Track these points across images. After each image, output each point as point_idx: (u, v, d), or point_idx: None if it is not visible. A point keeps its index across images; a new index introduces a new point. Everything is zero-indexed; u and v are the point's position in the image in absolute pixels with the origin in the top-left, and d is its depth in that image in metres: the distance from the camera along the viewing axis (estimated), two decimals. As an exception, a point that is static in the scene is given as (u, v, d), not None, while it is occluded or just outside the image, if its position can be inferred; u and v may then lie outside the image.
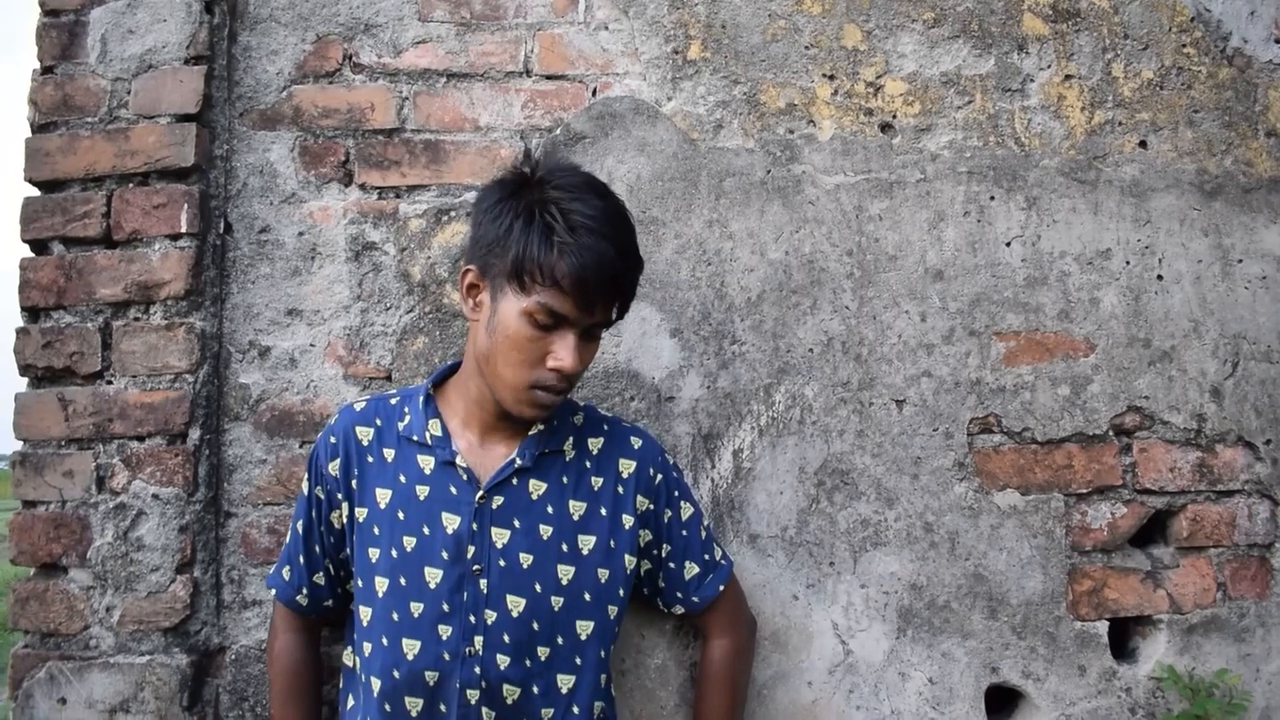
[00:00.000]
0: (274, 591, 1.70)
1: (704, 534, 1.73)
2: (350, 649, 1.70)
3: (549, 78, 1.96)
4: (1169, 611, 1.92)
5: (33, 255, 1.87)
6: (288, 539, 1.70)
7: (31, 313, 1.87)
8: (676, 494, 1.69)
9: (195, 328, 1.83)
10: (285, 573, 1.69)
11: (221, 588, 1.87)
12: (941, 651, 1.89)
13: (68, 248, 1.87)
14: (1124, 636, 1.96)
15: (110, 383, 1.84)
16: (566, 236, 1.42)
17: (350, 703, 1.67)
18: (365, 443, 1.63)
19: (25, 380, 1.87)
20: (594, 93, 1.96)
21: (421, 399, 1.64)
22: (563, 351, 1.46)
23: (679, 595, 1.72)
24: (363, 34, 1.96)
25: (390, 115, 1.94)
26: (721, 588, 1.73)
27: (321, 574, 1.67)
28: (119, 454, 1.82)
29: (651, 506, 1.66)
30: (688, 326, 1.92)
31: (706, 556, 1.72)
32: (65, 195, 1.87)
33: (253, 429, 1.89)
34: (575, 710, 1.58)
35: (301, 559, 1.67)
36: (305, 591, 1.68)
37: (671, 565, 1.70)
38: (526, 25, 1.97)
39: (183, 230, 1.84)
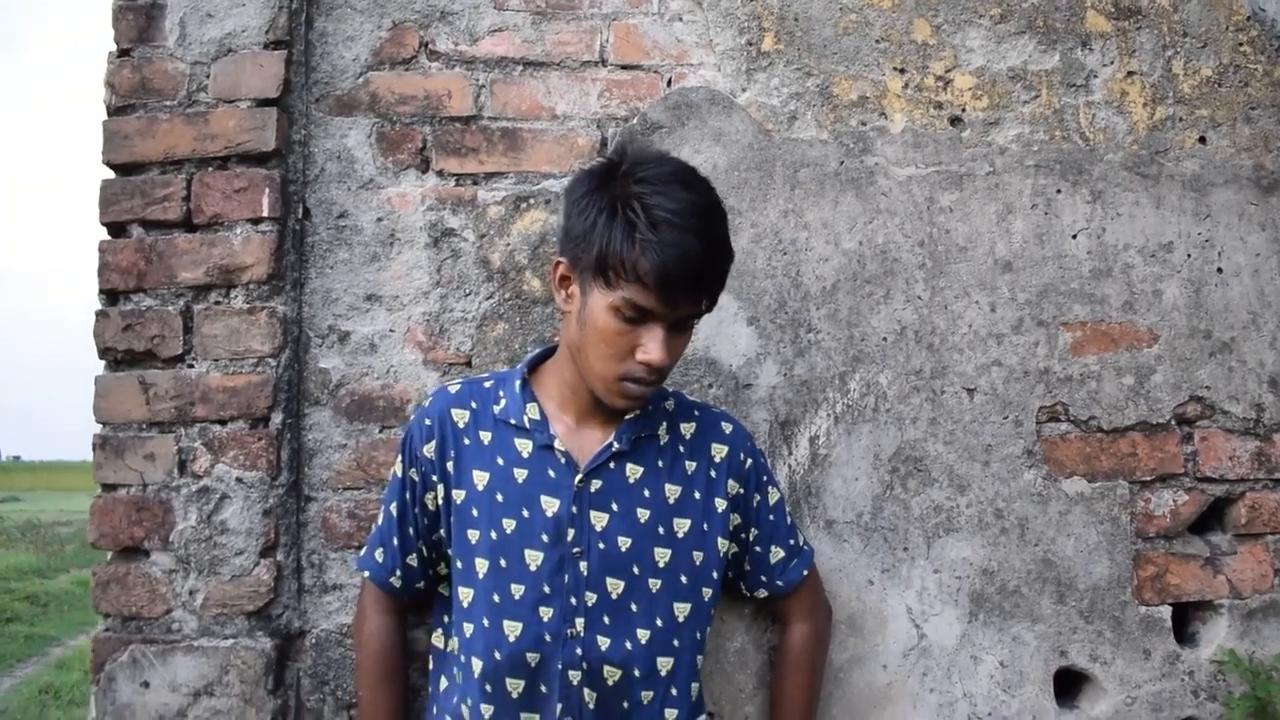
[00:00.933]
0: (366, 573, 1.69)
1: (788, 519, 1.74)
2: (441, 631, 1.70)
3: (624, 67, 1.97)
4: (1229, 597, 1.97)
5: (111, 238, 1.86)
6: (380, 521, 1.69)
7: (110, 295, 1.85)
8: (764, 479, 1.71)
9: (277, 312, 1.83)
10: (378, 554, 1.68)
11: (302, 572, 1.86)
12: (1012, 635, 1.92)
13: (147, 230, 1.85)
14: (1185, 621, 2.00)
15: (191, 366, 1.83)
16: (649, 233, 1.41)
17: (444, 684, 1.67)
18: (461, 425, 1.62)
19: (103, 363, 1.86)
20: (669, 83, 1.97)
21: (518, 383, 1.63)
22: (651, 345, 1.46)
23: (763, 579, 1.73)
24: (439, 21, 1.96)
25: (468, 103, 1.95)
26: (805, 572, 1.75)
27: (414, 556, 1.66)
28: (201, 437, 1.81)
29: (742, 491, 1.67)
30: (764, 315, 1.94)
31: (791, 541, 1.74)
32: (144, 178, 1.85)
33: (332, 414, 1.89)
34: (674, 692, 1.59)
35: (395, 540, 1.66)
36: (399, 573, 1.67)
37: (758, 549, 1.71)
38: (601, 15, 1.98)
39: (264, 214, 1.83)
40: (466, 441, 1.62)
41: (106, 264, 1.84)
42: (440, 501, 1.63)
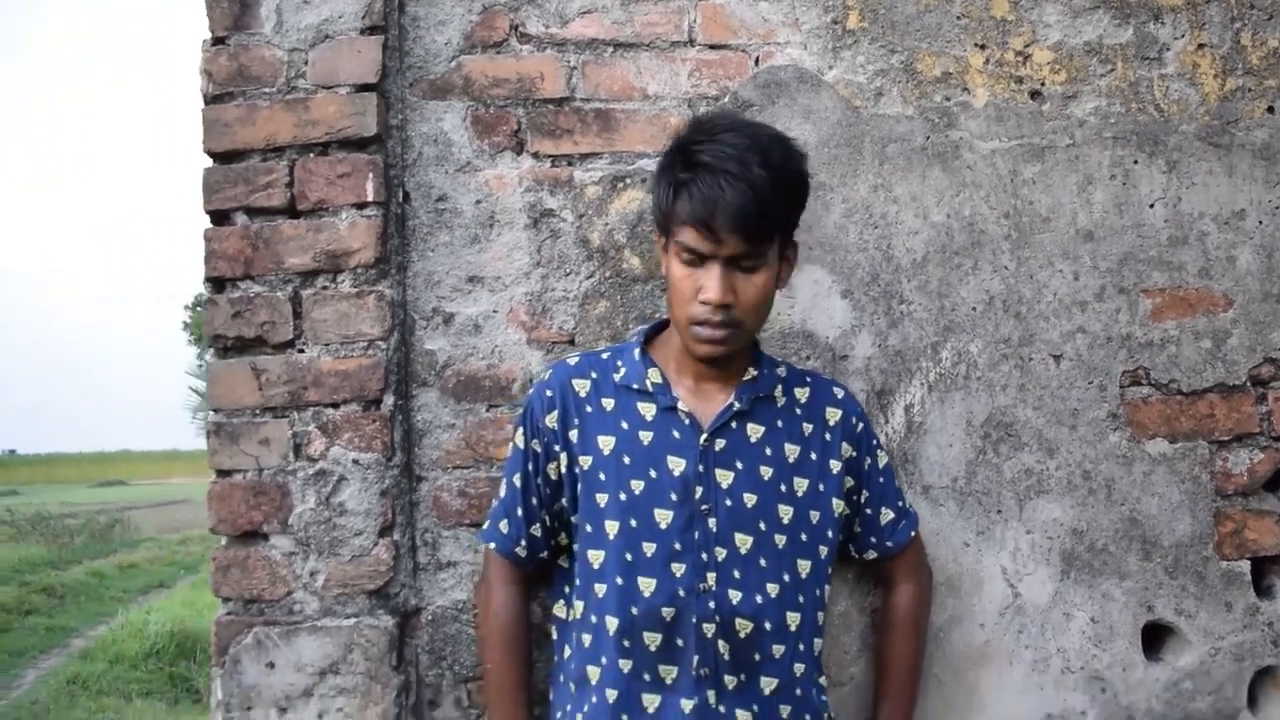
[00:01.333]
0: (491, 545, 1.69)
1: (895, 483, 1.77)
2: (562, 601, 1.71)
3: (712, 47, 1.95)
4: (1304, 550, 1.99)
5: (215, 226, 1.82)
6: (502, 494, 1.69)
7: (216, 283, 1.82)
8: (874, 443, 1.74)
9: (385, 295, 1.80)
10: (502, 526, 1.68)
11: (416, 550, 1.84)
12: (1101, 592, 1.93)
13: (251, 218, 1.82)
14: (1262, 575, 2.02)
15: (302, 351, 1.80)
16: (686, 176, 1.48)
17: (567, 652, 1.67)
18: (583, 394, 1.64)
19: (212, 350, 1.83)
20: (756, 62, 1.95)
21: (636, 351, 1.65)
22: (707, 284, 1.49)
23: (873, 540, 1.75)
24: (528, 4, 1.93)
25: (560, 84, 1.92)
26: (913, 534, 1.77)
27: (538, 525, 1.67)
28: (314, 421, 1.79)
29: (854, 454, 1.69)
30: (858, 287, 1.93)
31: (899, 504, 1.76)
32: (247, 166, 1.82)
33: (439, 394, 1.87)
34: (801, 648, 1.62)
35: (519, 511, 1.66)
36: (524, 543, 1.67)
37: (868, 511, 1.73)
38: (689, -5, 1.96)
39: (369, 199, 1.80)
40: (589, 409, 1.63)
41: (213, 251, 1.81)
42: (563, 470, 1.64)
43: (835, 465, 1.66)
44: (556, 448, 1.64)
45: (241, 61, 1.83)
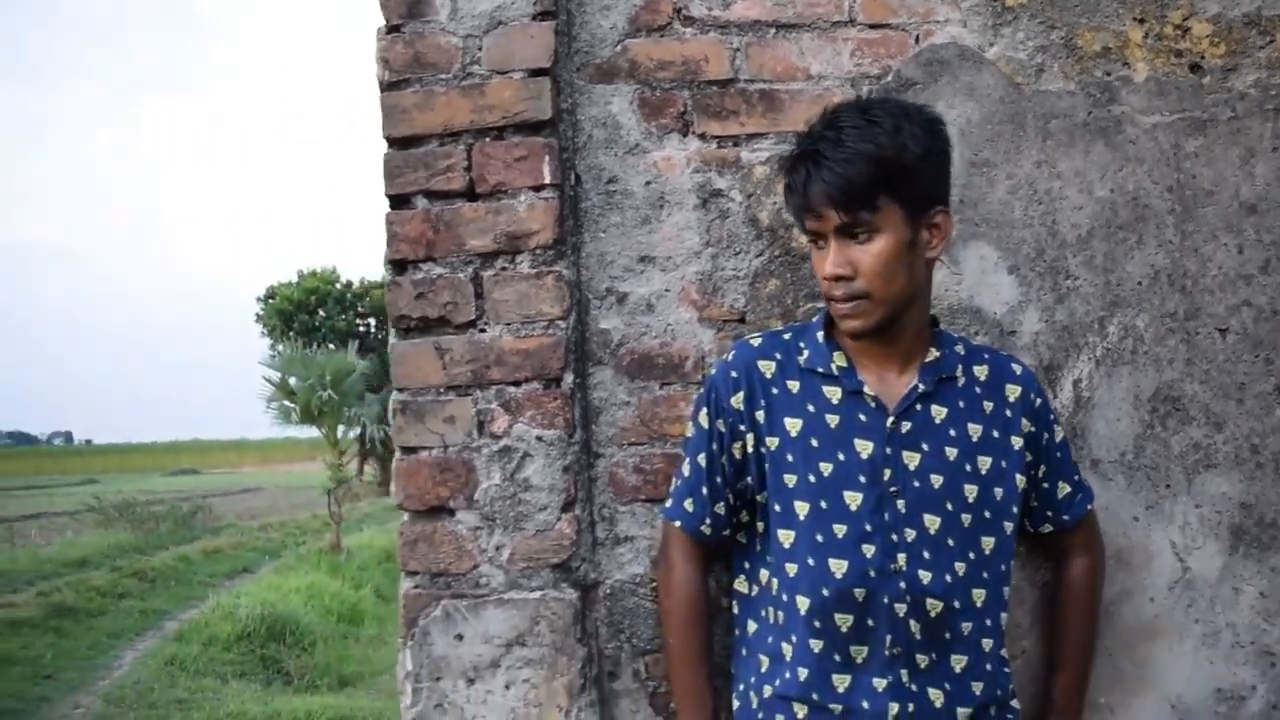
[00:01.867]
0: (677, 523, 1.66)
1: (1071, 457, 1.72)
2: (743, 576, 1.68)
3: (873, 26, 1.90)
4: None
5: (396, 210, 1.81)
6: (685, 472, 1.66)
7: (398, 265, 1.80)
8: (1051, 418, 1.69)
9: (563, 275, 1.77)
10: (687, 504, 1.65)
11: (595, 525, 1.82)
12: (1270, 566, 1.86)
13: (431, 201, 1.80)
14: None
15: (484, 330, 1.78)
16: (790, 162, 1.52)
17: (753, 627, 1.65)
18: (769, 376, 1.61)
19: (394, 330, 1.81)
20: (917, 40, 1.90)
21: (820, 334, 1.61)
22: (821, 260, 1.52)
23: (1049, 514, 1.70)
24: (692, -13, 1.90)
25: (724, 66, 1.88)
26: (1090, 507, 1.73)
27: (722, 504, 1.64)
28: (497, 399, 1.77)
29: (1033, 429, 1.64)
30: (1024, 263, 1.87)
31: (1075, 477, 1.71)
32: (425, 150, 1.80)
33: (614, 372, 1.84)
34: (988, 623, 1.59)
35: (704, 490, 1.63)
36: (709, 521, 1.64)
37: (1045, 485, 1.68)
38: (849, -25, 1.91)
39: (546, 181, 1.77)
40: (775, 391, 1.61)
41: (395, 234, 1.79)
42: (749, 450, 1.62)
43: (1016, 441, 1.62)
44: (742, 428, 1.61)
45: (417, 49, 1.81)
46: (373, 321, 30.75)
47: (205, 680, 7.08)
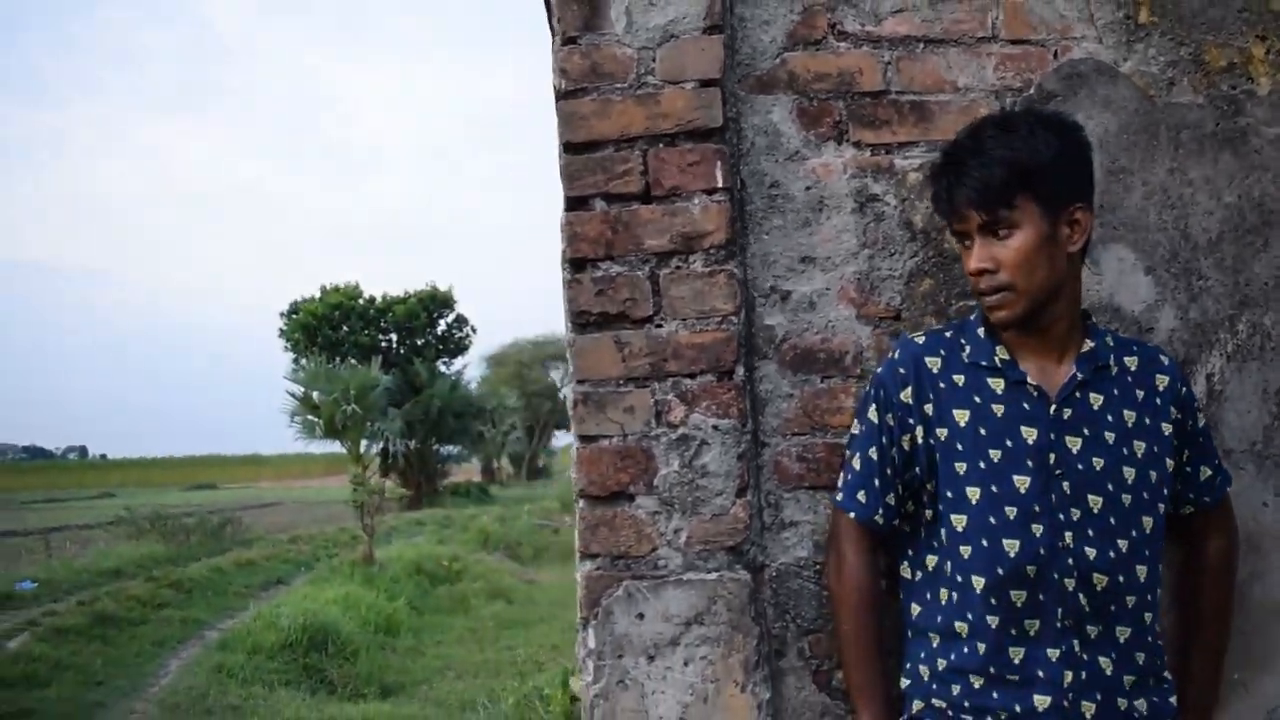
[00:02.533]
0: (851, 514, 1.70)
1: (1212, 442, 1.77)
2: (907, 563, 1.73)
3: (1014, 42, 1.95)
4: None
5: (575, 211, 1.85)
6: (855, 465, 1.70)
7: (577, 264, 1.85)
8: (1194, 405, 1.73)
9: (734, 274, 1.82)
10: (860, 496, 1.69)
11: (762, 510, 1.86)
12: (1394, 550, 1.92)
13: (609, 203, 1.85)
14: None
15: (660, 326, 1.82)
16: (934, 170, 1.65)
17: (916, 609, 1.69)
18: (935, 371, 1.66)
19: (572, 325, 1.85)
20: (1055, 55, 1.96)
21: (981, 330, 1.67)
22: (968, 259, 1.60)
23: (1191, 495, 1.74)
24: (844, 4, 1.95)
25: (877, 78, 1.93)
26: (1228, 489, 1.77)
27: (893, 494, 1.68)
28: (674, 390, 1.80)
29: (1180, 416, 1.69)
30: (1159, 265, 1.93)
31: (1215, 461, 1.75)
32: (603, 155, 1.85)
33: (778, 366, 1.88)
34: (1149, 598, 1.63)
35: (876, 481, 1.68)
36: (881, 511, 1.68)
37: (1189, 469, 1.72)
38: (991, -5, 1.97)
39: (718, 185, 1.82)
40: (942, 385, 1.66)
41: (575, 234, 1.84)
42: (918, 442, 1.66)
43: (1166, 428, 1.66)
44: (911, 420, 1.66)
45: (594, 59, 1.86)
46: (394, 337, 30.68)
47: (254, 688, 7.06)
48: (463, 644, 9.16)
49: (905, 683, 1.70)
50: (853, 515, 1.70)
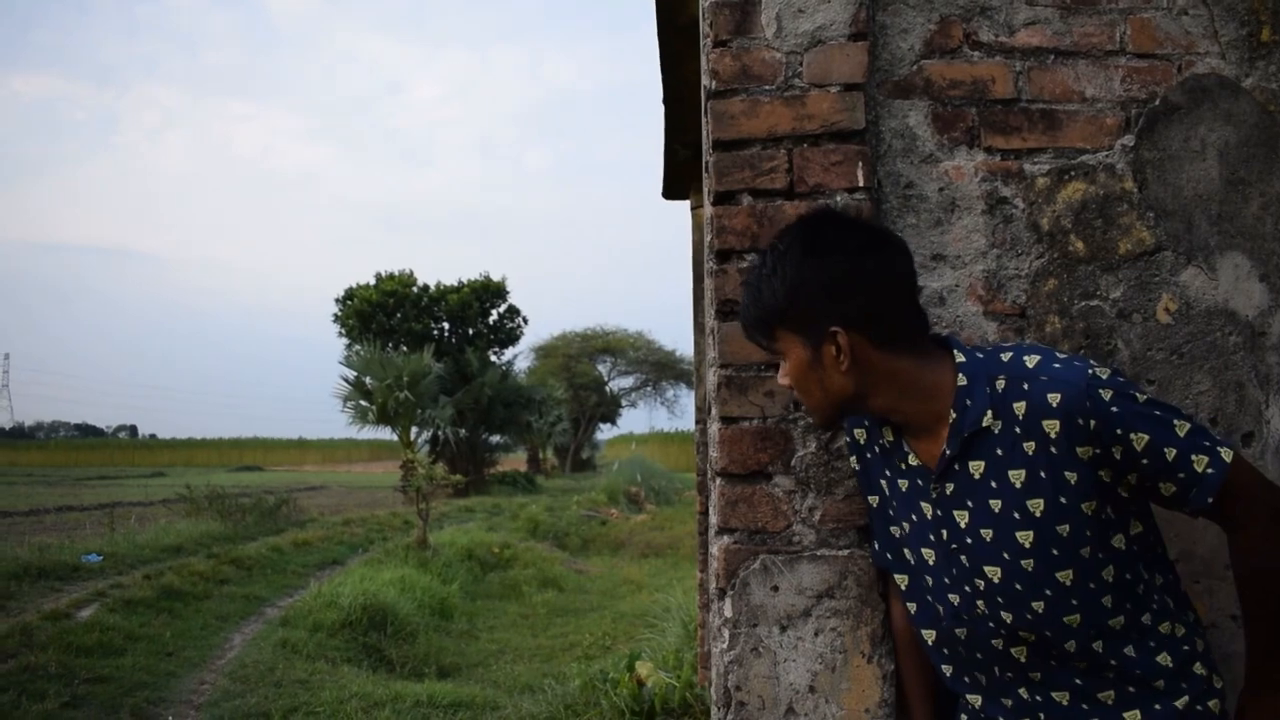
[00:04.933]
0: (871, 560, 1.88)
1: (1173, 454, 1.52)
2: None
3: (1140, 55, 2.05)
4: None
5: (723, 205, 1.97)
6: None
7: (723, 255, 1.96)
8: (1119, 431, 1.51)
9: (871, 269, 1.93)
10: (875, 543, 1.85)
11: (889, 494, 1.97)
12: None
13: (755, 198, 1.96)
14: None
15: (800, 315, 1.93)
16: None
17: None
18: (862, 442, 1.81)
19: (717, 314, 1.97)
20: (1179, 69, 2.05)
21: None
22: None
23: (1181, 505, 1.57)
24: (979, 16, 2.05)
25: (1009, 87, 2.03)
26: (1210, 499, 1.53)
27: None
28: (811, 377, 1.92)
29: (1097, 451, 1.53)
30: (1274, 272, 2.01)
31: (1181, 475, 1.53)
32: (751, 153, 1.96)
33: (907, 357, 1.99)
34: (1097, 634, 1.57)
35: (875, 526, 1.85)
36: (890, 556, 1.80)
37: (1148, 485, 1.56)
38: (1118, 10, 2.05)
39: (859, 184, 1.93)
40: (869, 456, 1.80)
41: (723, 227, 1.95)
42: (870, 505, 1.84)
43: (1071, 475, 1.53)
44: (864, 482, 1.84)
45: (744, 62, 1.97)
46: (447, 325, 31.00)
47: (318, 664, 7.23)
48: (516, 629, 9.32)
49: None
50: (872, 560, 1.86)
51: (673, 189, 5.97)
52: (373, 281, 30.66)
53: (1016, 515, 1.56)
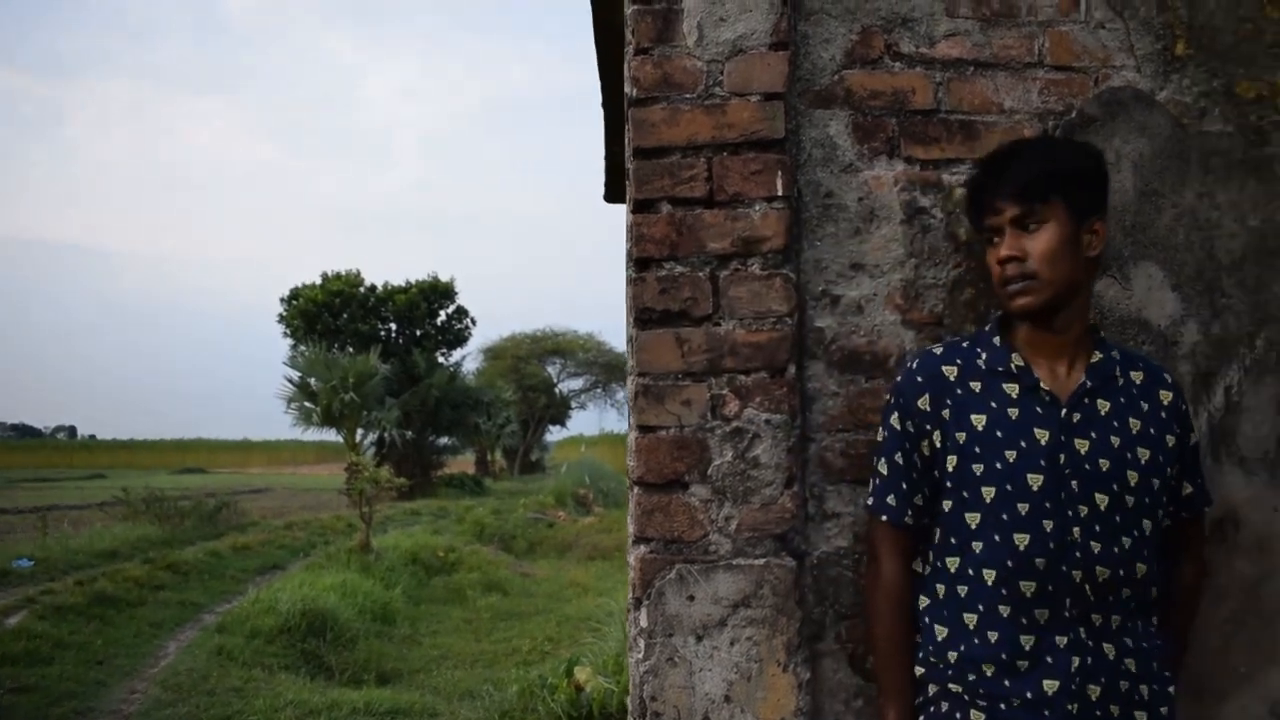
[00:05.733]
0: (884, 517, 1.80)
1: (1199, 463, 1.86)
2: (919, 559, 1.83)
3: (1058, 68, 2.07)
4: None
5: (642, 214, 1.97)
6: (883, 471, 1.81)
7: (642, 263, 1.96)
8: (1190, 424, 1.83)
9: (790, 277, 1.94)
10: (890, 499, 1.80)
11: (806, 502, 1.98)
12: (1393, 557, 2.04)
13: (674, 207, 1.96)
14: None
15: (718, 324, 1.94)
16: (973, 174, 1.82)
17: (924, 602, 1.80)
18: (952, 379, 1.78)
19: (635, 321, 1.96)
20: (1096, 82, 2.08)
21: (997, 339, 1.79)
22: (995, 253, 1.75)
23: (1172, 509, 1.82)
24: (900, 27, 2.07)
25: (929, 98, 2.05)
26: (1206, 509, 1.87)
27: (920, 495, 1.79)
28: (729, 385, 1.92)
29: (1179, 431, 1.79)
30: (1186, 282, 2.05)
31: (1199, 481, 1.85)
32: (670, 161, 1.96)
33: (825, 366, 2.00)
34: (1148, 593, 1.75)
35: (904, 485, 1.79)
36: (910, 513, 1.79)
37: (1173, 483, 1.80)
38: (1037, 23, 2.08)
39: (778, 193, 1.94)
40: (959, 391, 1.77)
41: (642, 235, 1.95)
42: (936, 445, 1.78)
43: (1170, 439, 1.77)
44: (928, 426, 1.78)
45: (665, 70, 1.97)
46: (394, 326, 30.72)
47: (254, 671, 7.12)
48: (459, 634, 9.25)
49: (920, 670, 1.79)
50: (885, 518, 1.81)
51: (613, 192, 5.95)
52: (319, 281, 30.32)
53: (1129, 456, 1.72)
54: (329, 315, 29.04)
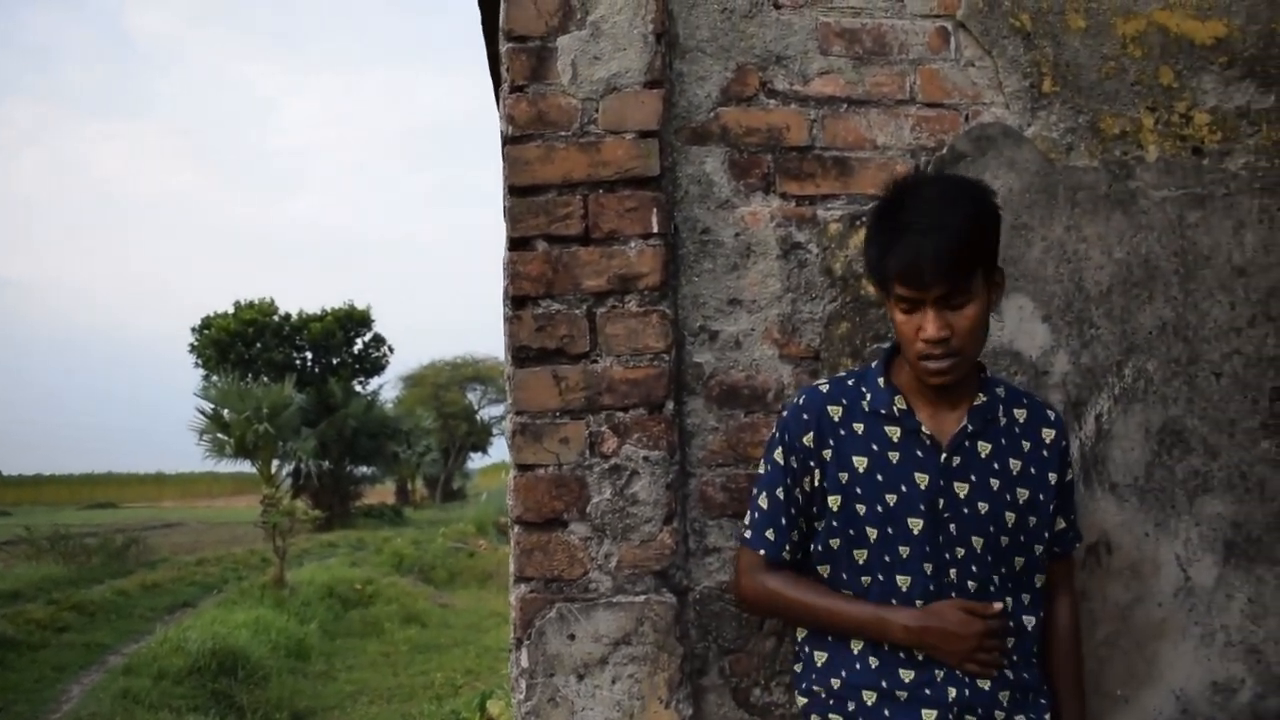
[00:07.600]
0: (761, 552, 1.79)
1: (1073, 499, 1.89)
2: None
3: (930, 105, 2.14)
4: None
5: (518, 251, 1.98)
6: (762, 505, 1.80)
7: (518, 301, 1.97)
8: (1069, 462, 1.85)
9: (666, 314, 1.96)
10: (769, 534, 1.79)
11: (687, 537, 2.00)
12: (1256, 576, 2.12)
13: (550, 244, 1.98)
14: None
15: (596, 361, 1.95)
16: (887, 237, 1.66)
17: (804, 633, 1.84)
18: (836, 419, 1.78)
19: (513, 359, 1.98)
20: (966, 119, 2.15)
21: (881, 380, 1.79)
22: (925, 324, 1.64)
23: (1053, 543, 1.83)
24: (775, 64, 2.12)
25: (804, 134, 2.10)
26: (1077, 546, 1.91)
27: (797, 531, 1.80)
28: (607, 422, 1.94)
29: (1059, 468, 1.81)
30: (1055, 313, 2.13)
31: (1072, 517, 1.88)
32: (546, 199, 1.98)
33: (705, 401, 2.03)
34: (1019, 627, 1.78)
35: (782, 520, 1.79)
36: (788, 547, 1.80)
37: (1050, 521, 1.81)
38: (909, 61, 2.15)
39: (654, 230, 1.97)
40: (843, 432, 1.78)
41: (518, 273, 1.96)
42: (816, 484, 1.78)
43: (1052, 477, 1.79)
44: (811, 463, 1.78)
45: (540, 108, 1.99)
46: (310, 355, 30.29)
47: (161, 714, 6.95)
48: (376, 669, 9.12)
49: (801, 701, 1.82)
50: (761, 552, 1.81)
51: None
52: (231, 310, 29.83)
53: (1008, 497, 1.75)
54: (242, 344, 28.61)
